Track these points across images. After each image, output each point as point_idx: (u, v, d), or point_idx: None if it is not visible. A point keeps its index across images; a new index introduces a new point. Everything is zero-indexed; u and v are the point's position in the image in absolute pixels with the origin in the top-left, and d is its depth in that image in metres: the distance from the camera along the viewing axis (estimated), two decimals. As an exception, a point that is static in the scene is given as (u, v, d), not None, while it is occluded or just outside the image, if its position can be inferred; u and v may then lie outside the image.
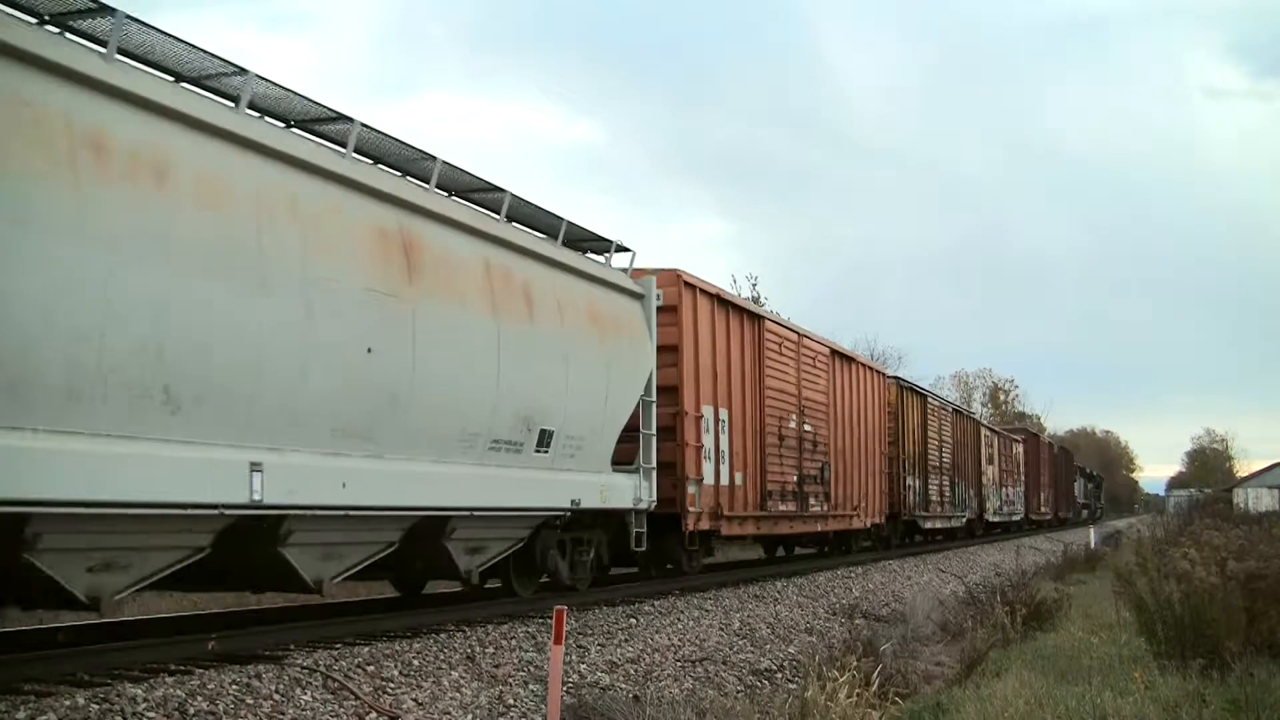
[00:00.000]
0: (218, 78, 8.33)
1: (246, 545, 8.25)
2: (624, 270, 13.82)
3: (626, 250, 13.78)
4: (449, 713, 8.01)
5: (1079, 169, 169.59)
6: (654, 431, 13.95)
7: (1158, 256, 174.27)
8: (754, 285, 43.07)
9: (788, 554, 23.06)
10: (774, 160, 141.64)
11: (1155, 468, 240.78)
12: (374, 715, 7.57)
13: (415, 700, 8.02)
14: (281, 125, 9.02)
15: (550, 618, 8.12)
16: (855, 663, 9.29)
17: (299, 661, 8.18)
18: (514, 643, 10.10)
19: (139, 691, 6.87)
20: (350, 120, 9.26)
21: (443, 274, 10.03)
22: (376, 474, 9.19)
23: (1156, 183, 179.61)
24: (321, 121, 9.30)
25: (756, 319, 18.18)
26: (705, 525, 15.57)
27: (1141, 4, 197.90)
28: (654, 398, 13.94)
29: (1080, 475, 65.47)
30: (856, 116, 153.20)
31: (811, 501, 19.86)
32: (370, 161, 9.89)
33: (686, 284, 15.37)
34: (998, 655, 11.66)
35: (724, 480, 16.15)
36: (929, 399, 30.36)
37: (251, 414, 7.93)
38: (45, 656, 7.86)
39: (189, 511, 7.58)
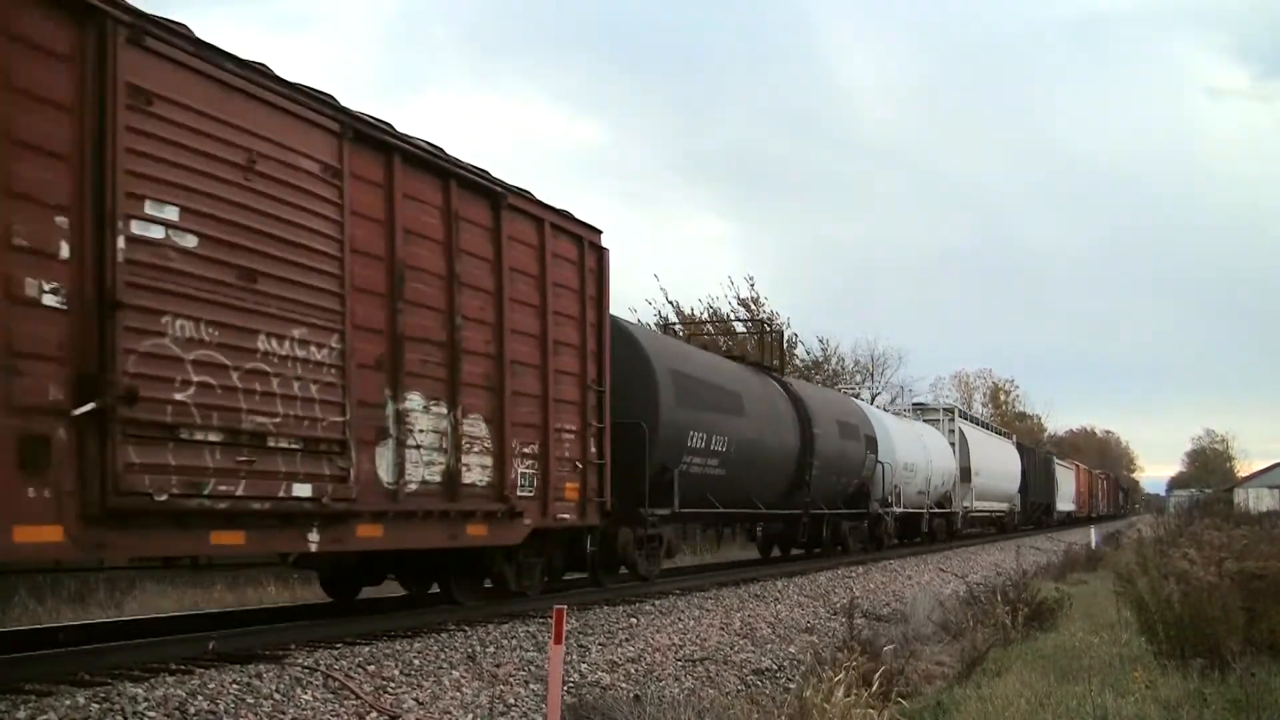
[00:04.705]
0: None
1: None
2: None
3: None
4: (450, 712, 8.01)
5: (1080, 169, 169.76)
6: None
7: (1158, 257, 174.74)
8: (751, 285, 43.10)
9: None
10: (776, 161, 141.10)
11: (1156, 468, 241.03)
12: (375, 715, 7.57)
13: (416, 700, 8.02)
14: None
15: (551, 617, 8.12)
16: (853, 662, 9.29)
17: (299, 661, 8.18)
18: (514, 642, 10.10)
19: (139, 691, 6.87)
20: None
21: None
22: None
23: (1158, 183, 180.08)
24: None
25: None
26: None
27: (1144, 5, 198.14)
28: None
29: (1119, 488, 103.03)
30: (858, 117, 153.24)
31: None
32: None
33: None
34: (998, 655, 11.66)
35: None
36: (1094, 472, 75.72)
37: None
38: (45, 656, 7.87)
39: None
